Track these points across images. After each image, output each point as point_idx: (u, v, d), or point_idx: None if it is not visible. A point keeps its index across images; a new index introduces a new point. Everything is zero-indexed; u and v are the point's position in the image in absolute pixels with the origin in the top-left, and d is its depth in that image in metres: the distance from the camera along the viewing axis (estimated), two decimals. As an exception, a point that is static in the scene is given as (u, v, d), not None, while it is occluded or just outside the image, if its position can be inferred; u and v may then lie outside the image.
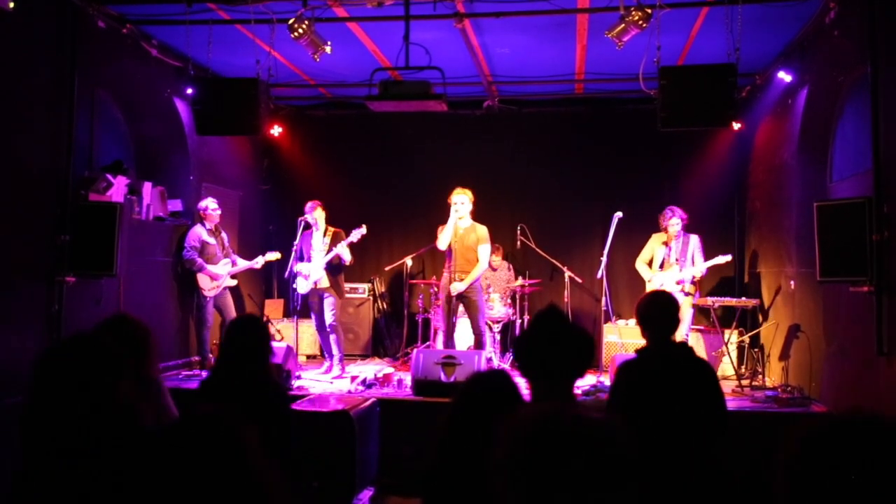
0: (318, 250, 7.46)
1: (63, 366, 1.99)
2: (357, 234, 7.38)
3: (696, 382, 3.35)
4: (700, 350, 7.35)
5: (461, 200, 6.94)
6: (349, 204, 8.66)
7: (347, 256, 7.41)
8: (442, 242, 7.00)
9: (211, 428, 1.60)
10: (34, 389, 2.00)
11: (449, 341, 7.11)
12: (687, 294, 7.07)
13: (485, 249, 7.00)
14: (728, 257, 7.27)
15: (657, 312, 3.46)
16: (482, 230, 7.04)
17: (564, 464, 1.18)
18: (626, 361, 3.57)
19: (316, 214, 7.50)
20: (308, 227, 7.56)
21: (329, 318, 7.42)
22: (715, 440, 3.31)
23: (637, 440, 1.24)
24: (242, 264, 7.68)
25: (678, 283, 7.10)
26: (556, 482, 1.17)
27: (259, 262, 7.73)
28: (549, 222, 8.89)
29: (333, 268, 7.47)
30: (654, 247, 7.42)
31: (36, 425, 1.95)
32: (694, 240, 7.26)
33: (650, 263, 7.41)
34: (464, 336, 7.63)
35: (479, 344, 7.00)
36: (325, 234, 7.51)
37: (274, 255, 7.91)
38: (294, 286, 7.62)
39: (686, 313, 6.90)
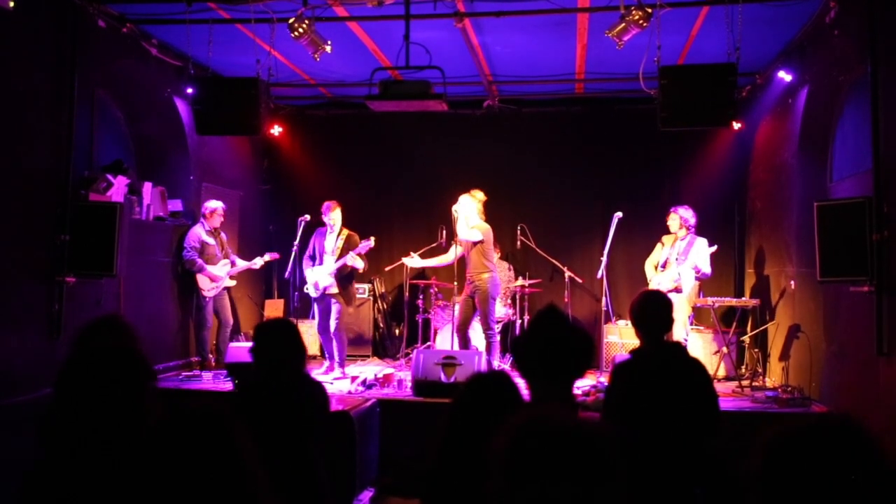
0: (329, 253, 7.44)
1: (100, 374, 1.99)
2: (365, 247, 7.36)
3: (689, 382, 3.36)
4: (700, 350, 7.34)
5: (459, 201, 6.96)
6: (349, 204, 8.62)
7: (359, 264, 7.36)
8: (451, 256, 7.08)
9: (202, 423, 1.61)
10: (62, 392, 2.00)
11: (464, 336, 7.11)
12: (679, 292, 6.90)
13: (475, 232, 6.97)
14: (714, 247, 7.20)
15: (650, 312, 3.46)
16: (480, 224, 7.03)
17: (554, 468, 1.20)
18: (620, 362, 3.57)
19: (333, 216, 7.45)
20: (321, 225, 7.54)
21: (333, 324, 7.38)
22: (709, 438, 3.32)
23: (626, 446, 1.28)
24: (241, 265, 7.68)
25: (674, 281, 7.00)
26: (545, 486, 1.19)
27: (258, 262, 7.73)
28: (549, 222, 8.88)
29: (343, 275, 7.40)
30: (660, 247, 7.37)
31: (62, 428, 1.96)
32: (700, 242, 7.10)
33: (658, 265, 7.36)
34: (476, 335, 7.61)
35: (486, 327, 7.01)
36: (338, 236, 7.48)
37: (272, 256, 7.91)
38: (305, 289, 7.61)
39: (681, 314, 6.72)
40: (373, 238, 7.41)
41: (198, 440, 1.58)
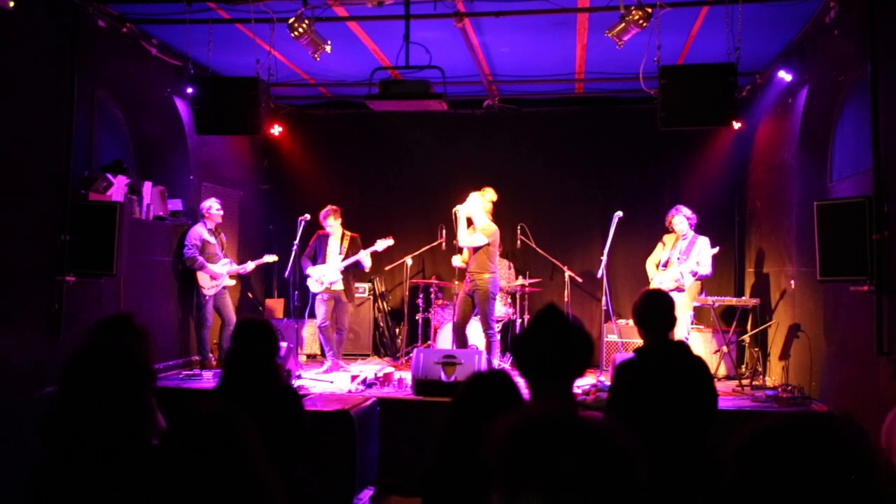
0: (334, 254, 7.58)
1: (101, 373, 1.98)
2: (383, 245, 7.69)
3: (693, 381, 3.36)
4: (700, 349, 7.34)
5: (468, 199, 6.98)
6: (349, 203, 8.65)
7: (368, 263, 7.64)
8: (466, 255, 7.16)
9: (213, 424, 1.61)
10: (61, 386, 2.00)
11: (462, 334, 7.13)
12: (681, 291, 6.90)
13: (478, 238, 6.99)
14: (716, 248, 7.22)
15: (653, 311, 3.46)
16: (487, 226, 7.04)
17: (546, 465, 1.17)
18: (624, 361, 3.57)
19: (330, 222, 7.68)
20: (321, 227, 7.73)
21: (346, 320, 7.74)
22: (706, 436, 3.32)
23: (639, 445, 1.22)
24: (235, 268, 7.65)
25: (675, 280, 7.02)
26: (536, 484, 1.16)
27: (249, 266, 7.73)
28: (549, 222, 8.88)
29: (350, 272, 7.70)
30: (661, 246, 7.38)
31: (64, 427, 1.96)
32: (702, 241, 7.10)
33: (659, 264, 7.36)
34: (474, 334, 7.62)
35: (486, 326, 7.02)
36: (341, 240, 7.66)
37: (271, 258, 7.95)
38: (308, 284, 7.69)
39: (683, 313, 6.71)
40: (392, 238, 7.74)
41: (207, 440, 1.57)
